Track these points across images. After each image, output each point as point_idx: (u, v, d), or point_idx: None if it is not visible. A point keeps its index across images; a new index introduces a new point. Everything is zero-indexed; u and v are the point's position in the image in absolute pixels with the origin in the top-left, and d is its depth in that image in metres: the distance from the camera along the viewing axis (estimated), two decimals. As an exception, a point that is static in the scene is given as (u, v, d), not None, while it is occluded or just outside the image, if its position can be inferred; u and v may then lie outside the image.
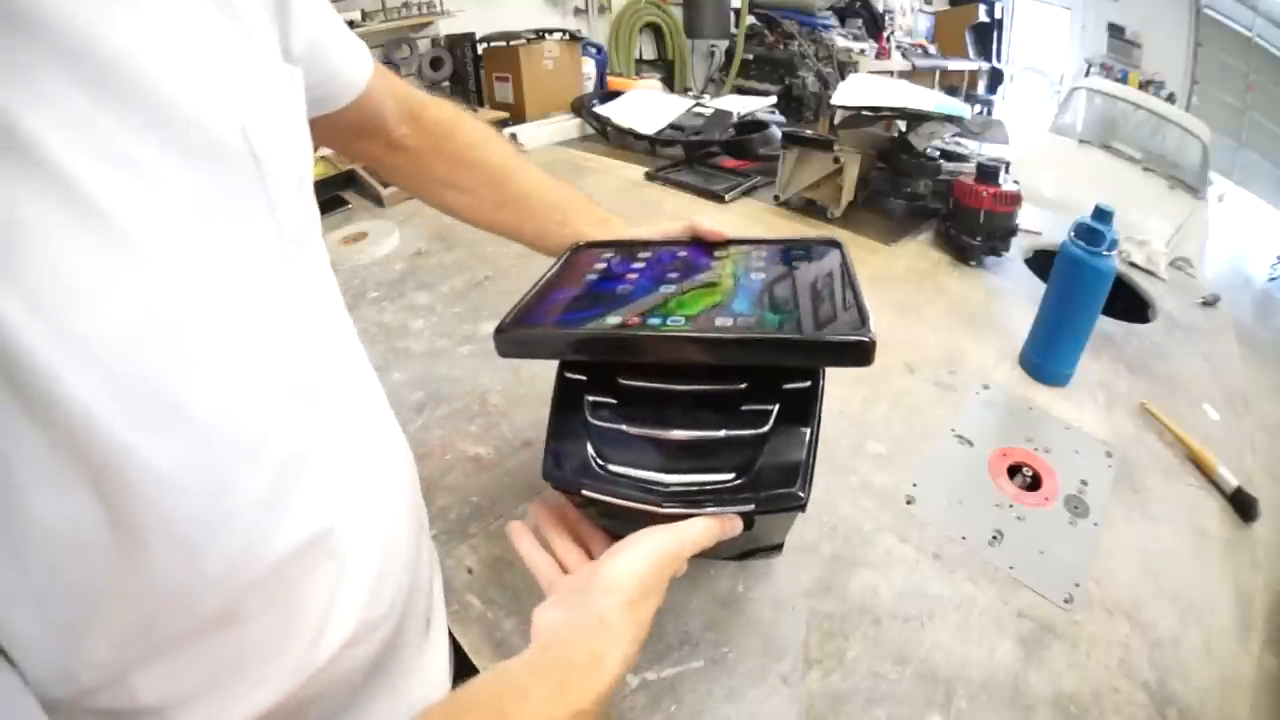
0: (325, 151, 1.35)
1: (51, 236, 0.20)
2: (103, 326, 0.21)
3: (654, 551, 0.34)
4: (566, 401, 0.39)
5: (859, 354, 0.33)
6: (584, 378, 0.39)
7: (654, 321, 0.36)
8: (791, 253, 0.45)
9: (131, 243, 0.22)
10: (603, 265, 0.46)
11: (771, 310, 0.37)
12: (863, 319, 0.35)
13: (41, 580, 0.22)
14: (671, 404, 0.38)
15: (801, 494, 0.35)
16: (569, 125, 1.65)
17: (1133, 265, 1.08)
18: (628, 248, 0.49)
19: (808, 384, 0.37)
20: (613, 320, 0.37)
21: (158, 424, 0.23)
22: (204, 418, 0.25)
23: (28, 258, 0.20)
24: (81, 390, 0.21)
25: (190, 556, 0.25)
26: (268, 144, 0.27)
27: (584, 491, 0.37)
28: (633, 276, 0.44)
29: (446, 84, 1.88)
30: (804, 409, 0.36)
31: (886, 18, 3.38)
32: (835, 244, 0.46)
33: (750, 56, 2.38)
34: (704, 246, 0.48)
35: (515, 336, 0.38)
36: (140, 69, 0.22)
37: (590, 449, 0.38)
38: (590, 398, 0.39)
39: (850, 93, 1.14)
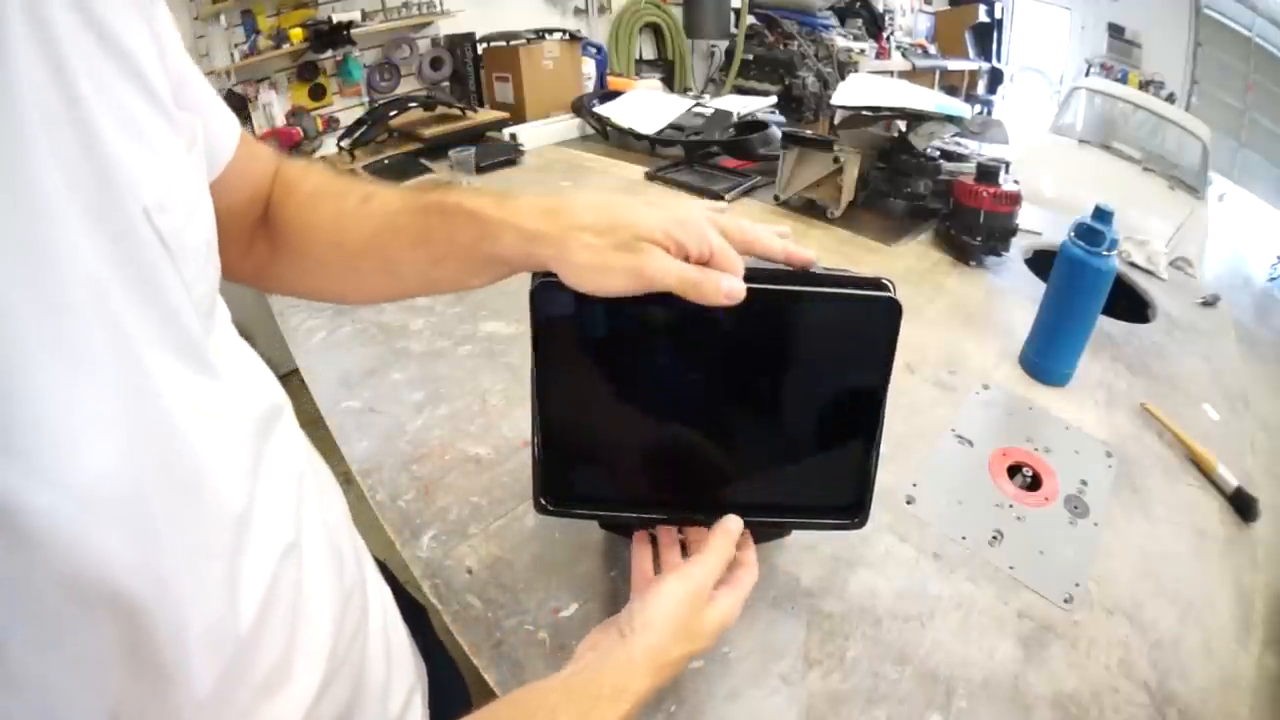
0: (327, 150, 1.34)
1: (36, 399, 0.20)
2: (93, 471, 0.22)
3: (678, 594, 0.38)
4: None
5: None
6: None
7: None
8: (828, 327, 0.38)
9: (98, 376, 0.22)
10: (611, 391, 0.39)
11: (779, 482, 0.42)
12: (859, 504, 0.42)
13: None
14: None
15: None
16: (569, 125, 1.65)
17: (1133, 265, 1.08)
18: (616, 336, 0.37)
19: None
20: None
21: (148, 544, 0.23)
22: (183, 522, 0.25)
23: (25, 425, 0.20)
24: (87, 533, 0.21)
25: (194, 652, 0.26)
26: (171, 221, 0.26)
27: None
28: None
29: (446, 84, 1.88)
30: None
31: (886, 18, 3.39)
32: (882, 307, 0.37)
33: (750, 56, 2.39)
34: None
35: (561, 510, 0.42)
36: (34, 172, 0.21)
37: None
38: None
39: (850, 93, 1.14)
